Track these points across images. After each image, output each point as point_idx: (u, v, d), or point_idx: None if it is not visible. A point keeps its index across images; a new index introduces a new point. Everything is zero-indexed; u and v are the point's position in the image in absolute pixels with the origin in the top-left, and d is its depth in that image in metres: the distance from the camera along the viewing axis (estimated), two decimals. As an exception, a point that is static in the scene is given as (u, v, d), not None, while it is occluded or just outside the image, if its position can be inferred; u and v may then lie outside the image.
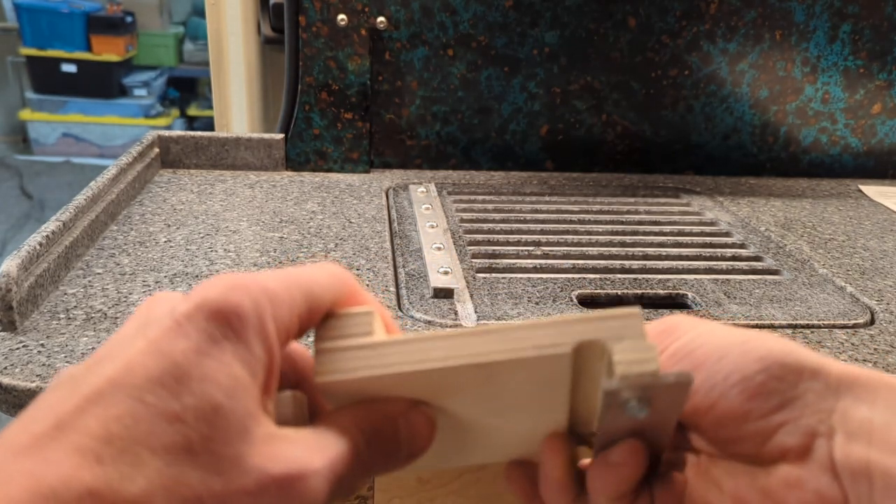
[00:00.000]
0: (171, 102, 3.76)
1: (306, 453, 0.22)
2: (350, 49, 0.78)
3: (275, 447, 0.21)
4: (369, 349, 0.24)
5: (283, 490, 0.21)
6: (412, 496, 0.49)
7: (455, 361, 0.24)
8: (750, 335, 0.26)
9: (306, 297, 0.24)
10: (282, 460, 0.21)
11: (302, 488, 0.21)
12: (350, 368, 0.24)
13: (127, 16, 3.46)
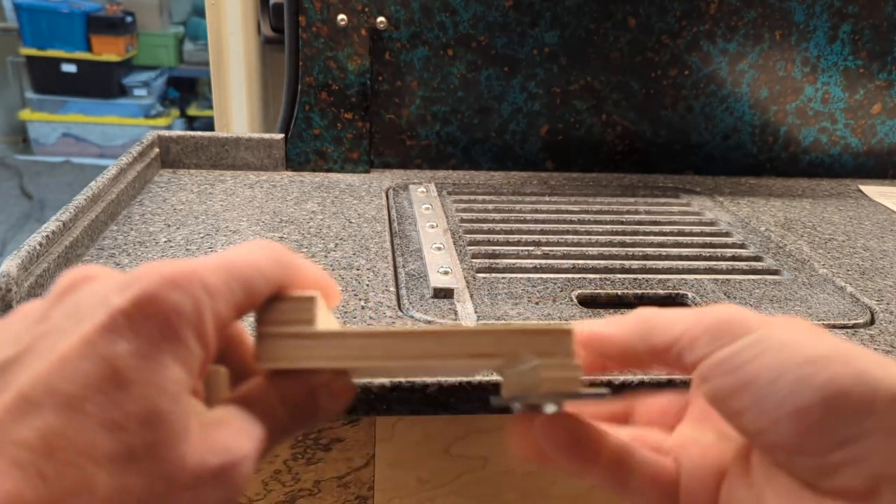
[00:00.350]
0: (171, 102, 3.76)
1: (238, 439, 0.22)
2: (350, 49, 0.78)
3: (210, 437, 0.21)
4: (311, 339, 0.24)
5: (218, 480, 0.21)
6: (412, 496, 0.49)
7: (392, 362, 0.25)
8: (817, 352, 0.22)
9: (246, 287, 0.23)
10: (218, 451, 0.21)
11: (235, 475, 0.21)
12: (291, 357, 0.24)
13: (127, 16, 3.46)
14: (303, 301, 0.25)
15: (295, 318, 0.25)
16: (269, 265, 0.24)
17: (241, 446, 0.22)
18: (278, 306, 0.25)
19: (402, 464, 0.48)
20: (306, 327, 0.25)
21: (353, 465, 0.48)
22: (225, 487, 0.21)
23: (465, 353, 0.25)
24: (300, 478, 0.47)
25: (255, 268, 0.24)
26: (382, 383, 0.41)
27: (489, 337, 0.25)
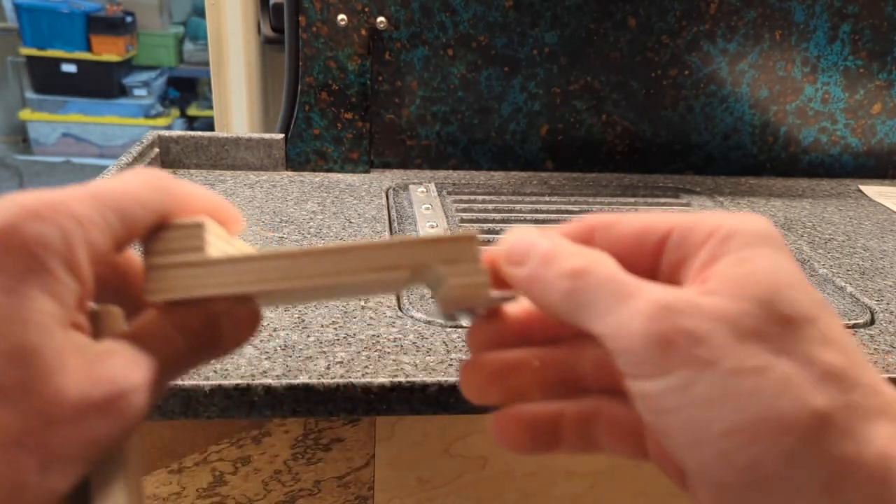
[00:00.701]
0: (171, 102, 3.76)
1: (125, 370, 0.21)
2: (350, 49, 0.78)
3: (93, 370, 0.21)
4: (202, 267, 0.23)
5: (103, 412, 0.20)
6: (412, 496, 0.49)
7: (290, 284, 0.24)
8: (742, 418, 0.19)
9: (122, 217, 0.22)
10: (102, 382, 0.20)
11: (123, 406, 0.21)
12: (182, 287, 0.23)
13: (127, 16, 3.46)
14: (190, 228, 0.24)
15: (183, 246, 0.23)
16: (147, 192, 0.23)
17: (129, 377, 0.21)
18: (165, 235, 0.24)
19: (402, 464, 0.48)
20: (195, 255, 0.23)
21: (353, 465, 0.48)
22: (112, 419, 0.21)
23: (367, 269, 0.24)
24: (300, 478, 0.47)
25: (131, 196, 0.22)
26: (382, 384, 0.41)
27: (391, 250, 0.24)
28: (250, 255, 0.24)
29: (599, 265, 0.22)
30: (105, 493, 0.23)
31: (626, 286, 0.22)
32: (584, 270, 0.22)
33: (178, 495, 0.45)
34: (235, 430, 0.45)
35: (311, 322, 0.48)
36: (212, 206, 0.25)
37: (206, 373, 0.41)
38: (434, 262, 0.24)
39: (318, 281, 0.24)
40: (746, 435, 0.19)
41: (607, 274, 0.22)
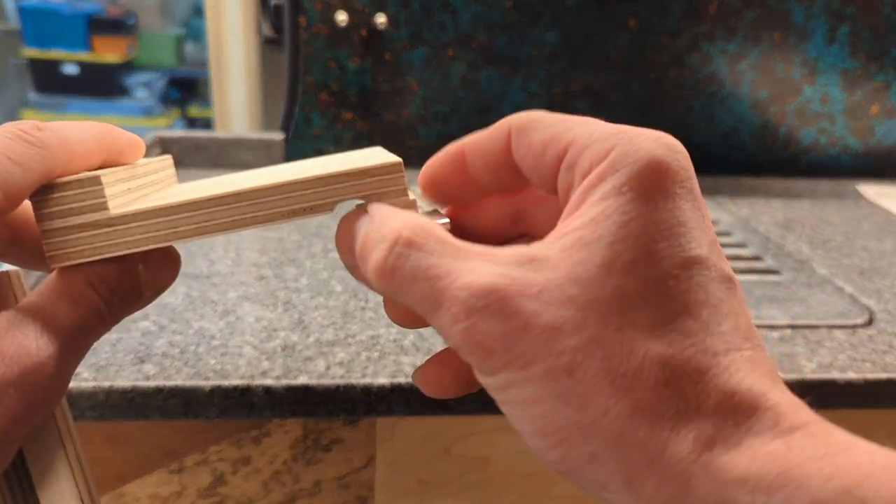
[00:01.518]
0: (171, 103, 3.76)
1: (38, 340, 0.20)
2: (350, 49, 0.79)
3: (3, 344, 0.19)
4: (108, 226, 0.21)
5: (21, 388, 0.19)
6: (412, 497, 0.49)
7: (207, 234, 0.22)
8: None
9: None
10: (13, 359, 0.19)
11: (41, 379, 0.20)
12: (90, 249, 0.22)
13: (128, 17, 3.47)
14: (86, 184, 0.21)
15: (84, 205, 0.21)
16: (20, 148, 0.20)
17: (44, 347, 0.20)
18: (59, 196, 0.21)
19: (403, 465, 0.48)
20: (99, 214, 0.21)
21: (354, 466, 0.48)
22: (32, 394, 0.20)
23: (285, 212, 0.22)
24: (300, 478, 0.47)
25: (1, 154, 0.20)
26: (382, 384, 0.42)
27: (308, 188, 0.22)
28: (159, 207, 0.22)
29: (405, 255, 0.19)
30: (44, 464, 0.22)
31: (437, 281, 0.19)
32: (388, 268, 0.19)
33: (179, 495, 0.45)
34: (235, 430, 0.45)
35: (311, 322, 0.48)
36: (104, 143, 0.23)
37: (206, 373, 0.41)
38: (359, 197, 0.22)
39: (232, 227, 0.22)
40: (552, 439, 0.19)
41: (414, 267, 0.19)
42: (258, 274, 0.55)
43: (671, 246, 0.19)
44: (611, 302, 0.18)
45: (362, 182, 0.22)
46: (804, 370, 0.45)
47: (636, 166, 0.19)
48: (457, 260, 0.19)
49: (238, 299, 0.50)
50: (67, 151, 0.21)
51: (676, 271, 0.19)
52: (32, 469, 0.22)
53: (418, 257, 0.19)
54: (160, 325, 0.46)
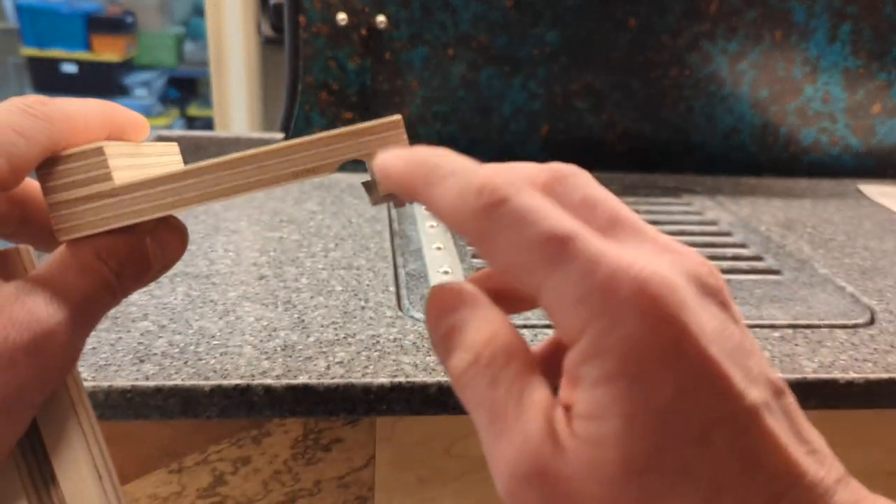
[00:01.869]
0: (171, 102, 3.76)
1: (48, 307, 0.20)
2: (350, 49, 0.78)
3: (12, 312, 0.20)
4: (114, 196, 0.22)
5: (32, 354, 0.19)
6: (412, 496, 0.49)
7: (212, 199, 0.22)
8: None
9: (1, 150, 0.20)
10: (23, 325, 0.19)
11: (52, 345, 0.20)
12: (96, 220, 0.22)
13: (127, 16, 3.46)
14: (89, 155, 0.22)
15: (88, 177, 0.22)
16: (25, 121, 0.21)
17: (53, 314, 0.20)
18: (64, 168, 0.22)
19: (403, 464, 0.48)
20: (103, 185, 0.22)
21: (354, 466, 0.48)
22: (43, 360, 0.20)
23: (288, 175, 0.22)
24: (300, 478, 0.47)
25: (7, 126, 0.20)
26: (382, 384, 0.41)
27: (310, 149, 0.22)
28: (163, 176, 0.22)
29: (480, 376, 0.20)
30: (57, 432, 0.22)
31: (494, 424, 0.20)
32: (462, 382, 0.20)
33: (178, 495, 0.45)
34: (235, 430, 0.45)
35: (311, 322, 0.48)
36: (107, 120, 0.23)
37: (206, 373, 0.41)
38: (360, 156, 0.22)
39: (238, 192, 0.22)
40: None
41: (483, 392, 0.20)
42: (258, 273, 0.55)
43: (681, 424, 0.18)
44: (636, 502, 0.18)
45: (363, 140, 0.22)
46: (805, 370, 0.45)
47: (619, 351, 0.18)
48: (516, 408, 0.19)
49: (238, 299, 0.50)
50: (70, 125, 0.22)
51: (694, 450, 0.18)
52: (46, 437, 0.22)
53: (488, 384, 0.20)
54: (160, 325, 0.46)
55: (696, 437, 0.18)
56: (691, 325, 0.18)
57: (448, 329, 0.21)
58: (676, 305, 0.18)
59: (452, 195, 0.20)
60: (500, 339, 0.20)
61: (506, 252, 0.19)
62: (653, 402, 0.17)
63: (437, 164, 0.21)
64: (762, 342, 0.49)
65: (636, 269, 0.18)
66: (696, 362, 0.18)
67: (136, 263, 0.23)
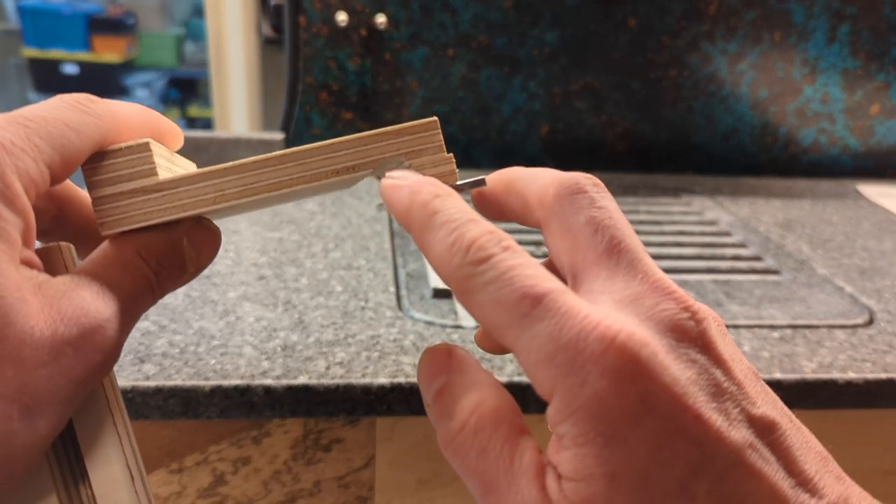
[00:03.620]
0: (171, 103, 3.76)
1: (95, 303, 0.20)
2: (350, 49, 0.79)
3: (60, 306, 0.20)
4: (158, 191, 0.22)
5: (80, 349, 0.19)
6: (412, 497, 0.49)
7: (254, 195, 0.22)
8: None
9: (54, 143, 0.20)
10: (72, 318, 0.19)
11: (99, 341, 0.20)
12: (140, 215, 0.22)
13: (128, 17, 3.47)
14: (135, 150, 0.22)
15: (133, 172, 0.22)
16: (76, 116, 0.21)
17: (101, 309, 0.20)
18: (110, 163, 0.22)
19: (402, 464, 0.48)
20: (148, 179, 0.22)
21: (354, 466, 0.48)
22: (89, 355, 0.20)
23: (329, 172, 0.23)
24: (300, 478, 0.47)
25: (59, 120, 0.21)
26: (382, 384, 0.42)
27: (350, 147, 0.23)
28: (206, 171, 0.22)
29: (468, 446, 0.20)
30: (92, 432, 0.22)
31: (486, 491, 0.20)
32: (452, 447, 0.20)
33: (179, 495, 0.45)
34: (235, 430, 0.45)
35: (311, 322, 0.48)
36: (148, 124, 0.24)
37: (206, 373, 0.41)
38: (397, 157, 0.23)
39: (278, 190, 0.23)
40: None
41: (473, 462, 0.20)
42: (258, 274, 0.55)
43: (663, 479, 0.18)
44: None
45: (401, 140, 0.23)
46: (804, 370, 0.45)
47: (589, 412, 0.18)
48: (507, 475, 0.19)
49: (238, 299, 0.50)
50: (117, 123, 0.22)
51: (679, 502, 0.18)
52: (80, 435, 0.22)
53: (477, 453, 0.20)
54: (160, 325, 0.46)
55: (677, 491, 0.18)
56: (662, 377, 0.18)
57: (436, 393, 0.21)
58: (644, 360, 0.18)
59: (443, 246, 0.20)
60: (486, 405, 0.20)
61: (484, 308, 0.19)
62: (631, 460, 0.18)
63: (435, 211, 0.21)
64: (761, 342, 0.49)
65: (602, 328, 0.18)
66: (669, 415, 0.18)
67: (173, 263, 0.23)
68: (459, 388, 0.21)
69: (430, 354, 0.22)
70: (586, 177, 0.22)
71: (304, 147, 0.23)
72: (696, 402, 0.18)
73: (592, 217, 0.21)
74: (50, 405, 0.19)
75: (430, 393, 0.22)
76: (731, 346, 0.20)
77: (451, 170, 0.23)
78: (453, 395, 0.21)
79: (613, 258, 0.21)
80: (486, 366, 0.44)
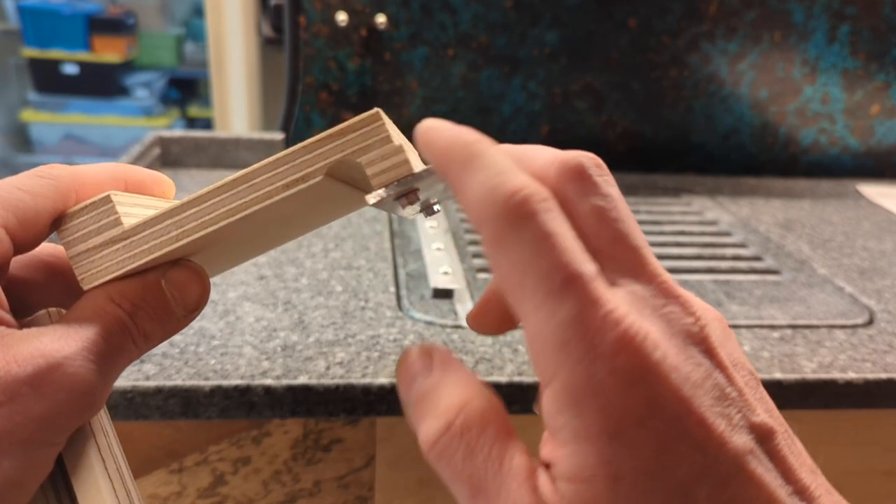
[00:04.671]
0: (171, 103, 3.76)
1: (55, 343, 0.21)
2: (350, 49, 0.79)
3: (18, 349, 0.20)
4: (123, 239, 0.23)
5: (39, 388, 0.20)
6: (412, 497, 0.49)
7: (213, 225, 0.23)
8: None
9: (7, 206, 0.22)
10: (27, 360, 0.20)
11: (60, 378, 0.20)
12: (113, 265, 0.23)
13: (128, 17, 3.47)
14: (98, 204, 0.23)
15: (99, 226, 0.23)
16: (30, 181, 0.22)
17: (59, 349, 0.21)
18: (78, 221, 0.23)
19: (403, 464, 0.48)
20: (114, 230, 0.23)
21: (354, 466, 0.48)
22: (52, 393, 0.20)
23: (280, 187, 0.22)
24: (300, 478, 0.47)
25: (12, 186, 0.22)
26: (382, 384, 0.42)
27: (295, 158, 0.22)
28: (165, 211, 0.23)
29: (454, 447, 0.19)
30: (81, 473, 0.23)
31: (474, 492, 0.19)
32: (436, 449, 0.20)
33: (179, 495, 0.45)
34: (235, 430, 0.45)
35: (311, 322, 0.48)
36: (118, 176, 0.24)
37: (206, 373, 0.41)
38: (344, 157, 0.22)
39: (236, 213, 0.22)
40: None
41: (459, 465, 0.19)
42: (258, 274, 0.55)
43: (666, 482, 0.18)
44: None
45: (345, 140, 0.22)
46: (804, 370, 0.45)
47: (595, 405, 0.18)
48: (496, 478, 0.19)
49: (238, 299, 0.50)
50: (78, 180, 0.23)
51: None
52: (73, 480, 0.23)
53: (464, 455, 0.19)
54: (160, 325, 0.46)
55: (679, 495, 0.17)
56: (670, 381, 0.18)
57: (419, 394, 0.21)
58: (655, 363, 0.18)
59: (482, 189, 0.19)
60: (473, 405, 0.20)
61: (511, 267, 0.19)
62: (634, 461, 0.17)
63: (479, 152, 0.20)
64: (761, 342, 0.49)
65: (623, 329, 0.18)
66: (674, 418, 0.18)
67: (152, 305, 0.23)
68: (444, 388, 0.20)
69: (411, 354, 0.22)
70: (588, 157, 0.22)
71: (250, 168, 0.22)
72: (701, 407, 0.18)
73: (597, 206, 0.21)
74: (11, 445, 0.19)
75: (411, 393, 0.21)
76: (734, 348, 0.20)
77: (402, 159, 0.22)
78: (438, 395, 0.20)
79: (619, 253, 0.20)
80: (485, 366, 0.44)
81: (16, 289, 0.24)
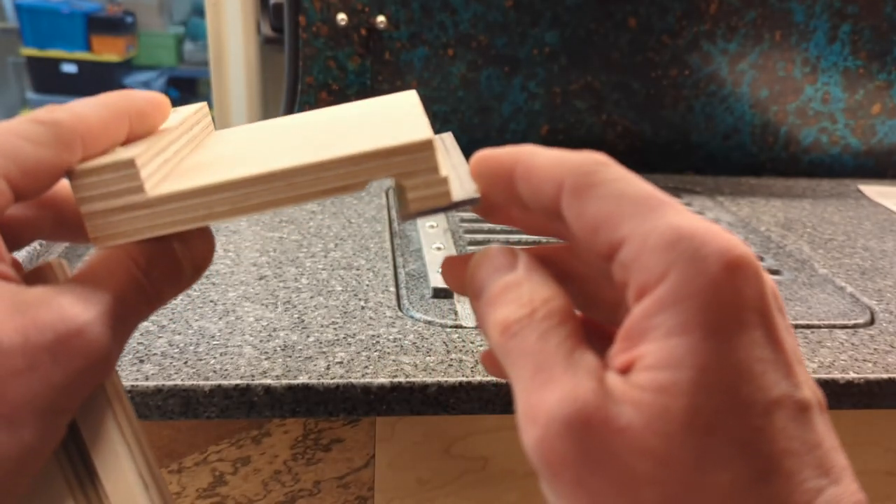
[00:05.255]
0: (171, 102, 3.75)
1: (74, 307, 0.20)
2: (350, 49, 0.78)
3: (37, 313, 0.19)
4: (146, 208, 0.22)
5: (59, 355, 0.19)
6: (412, 497, 0.49)
7: (242, 213, 0.23)
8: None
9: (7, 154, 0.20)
10: (47, 325, 0.19)
11: (80, 344, 0.20)
12: (132, 230, 0.22)
13: (127, 16, 3.46)
14: (121, 166, 0.22)
15: (120, 189, 0.22)
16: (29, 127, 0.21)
17: (79, 313, 0.20)
18: (97, 179, 0.22)
19: (402, 464, 0.48)
20: (136, 196, 0.22)
21: (353, 466, 0.48)
22: (71, 360, 0.19)
23: (317, 192, 0.22)
24: (300, 478, 0.47)
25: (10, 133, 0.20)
26: (382, 384, 0.41)
27: (340, 167, 0.22)
28: (195, 189, 0.22)
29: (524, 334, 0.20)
30: (98, 438, 0.22)
31: (536, 374, 0.19)
32: (511, 331, 0.20)
33: (178, 495, 0.45)
34: (235, 430, 0.45)
35: (311, 322, 0.48)
36: (122, 112, 0.23)
37: (206, 373, 0.41)
38: (389, 177, 0.22)
39: (267, 207, 0.23)
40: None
41: (526, 348, 0.20)
42: (258, 274, 0.55)
43: (752, 390, 0.17)
44: (692, 463, 0.17)
45: (392, 161, 0.22)
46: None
47: (701, 300, 0.17)
48: (564, 362, 0.19)
49: (238, 299, 0.50)
50: (83, 123, 0.22)
51: (759, 421, 0.17)
52: (90, 446, 0.22)
53: (538, 336, 0.20)
54: (160, 325, 0.46)
55: (762, 410, 0.17)
56: (771, 306, 0.18)
57: (502, 284, 0.21)
58: (756, 269, 0.18)
59: (555, 156, 0.22)
60: (557, 301, 0.20)
61: (604, 201, 0.20)
62: (729, 359, 0.17)
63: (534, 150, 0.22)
64: (762, 342, 0.49)
65: (724, 238, 0.18)
66: (772, 335, 0.18)
67: (164, 263, 0.23)
68: (529, 283, 0.21)
69: (498, 251, 0.23)
70: (595, 161, 0.23)
71: (294, 166, 0.22)
72: (787, 345, 0.19)
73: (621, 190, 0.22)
74: (31, 414, 0.19)
75: (495, 284, 0.21)
76: (786, 319, 0.21)
77: (444, 191, 0.23)
78: (522, 288, 0.21)
79: (657, 208, 0.21)
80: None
81: (3, 223, 0.23)
